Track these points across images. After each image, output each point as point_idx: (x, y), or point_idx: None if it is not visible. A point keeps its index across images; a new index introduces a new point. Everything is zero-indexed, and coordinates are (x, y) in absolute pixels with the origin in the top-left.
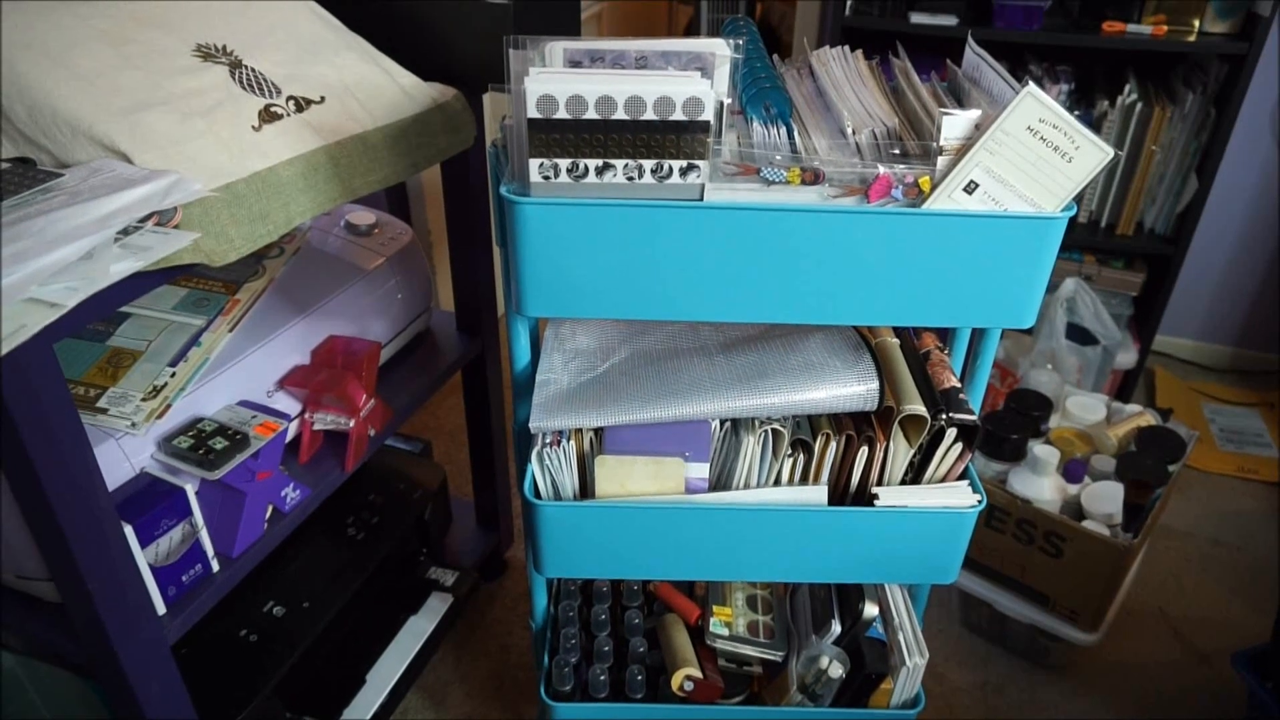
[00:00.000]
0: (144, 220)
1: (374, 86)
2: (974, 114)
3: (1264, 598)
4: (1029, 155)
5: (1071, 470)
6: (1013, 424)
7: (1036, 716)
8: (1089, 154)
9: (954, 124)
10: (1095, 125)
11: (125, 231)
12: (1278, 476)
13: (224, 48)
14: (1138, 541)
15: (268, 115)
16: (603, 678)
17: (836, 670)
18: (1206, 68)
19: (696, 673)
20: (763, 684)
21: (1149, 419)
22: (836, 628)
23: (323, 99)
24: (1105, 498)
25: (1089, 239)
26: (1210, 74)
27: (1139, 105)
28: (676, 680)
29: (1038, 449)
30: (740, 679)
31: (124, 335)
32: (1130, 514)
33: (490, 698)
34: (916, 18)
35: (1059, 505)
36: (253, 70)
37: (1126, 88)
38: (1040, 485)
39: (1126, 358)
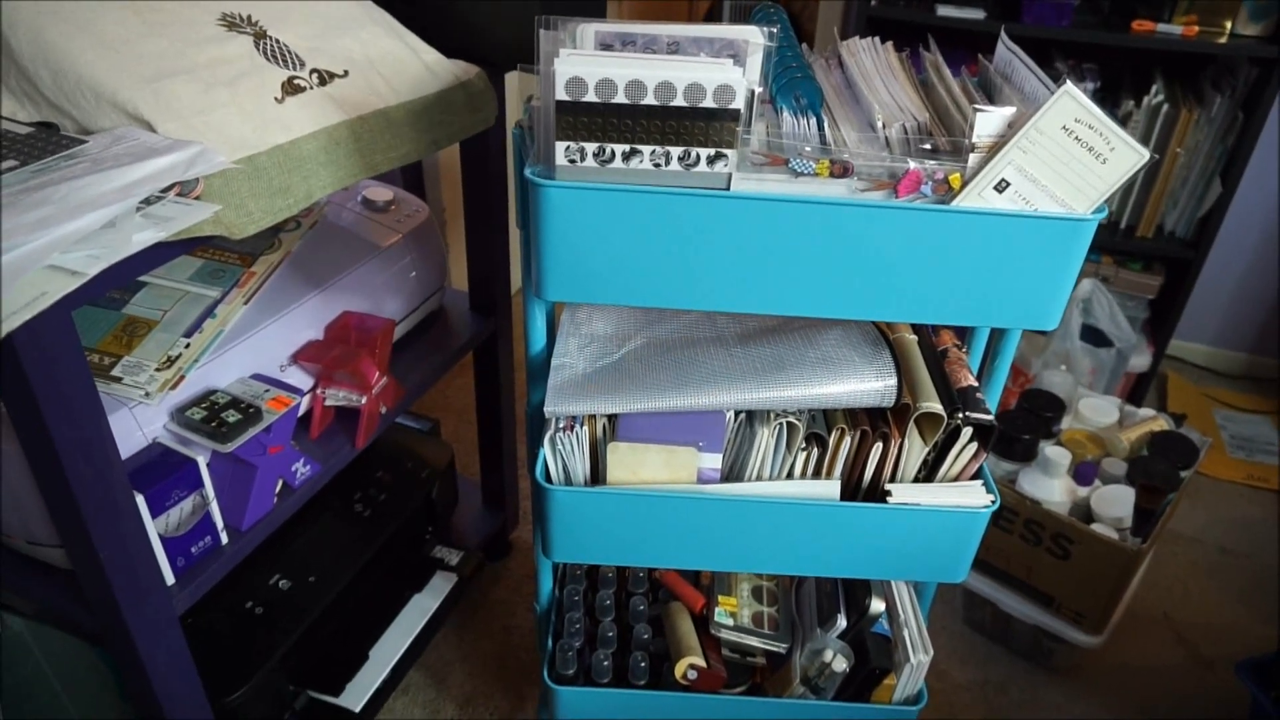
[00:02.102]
0: (166, 190)
1: (397, 62)
2: (1008, 111)
3: (1269, 606)
4: (1062, 155)
5: (1082, 472)
6: (1024, 424)
7: (1038, 717)
8: (1124, 156)
9: (988, 121)
10: (1120, 125)
11: (148, 201)
12: None
13: (249, 18)
14: (1146, 546)
15: (291, 88)
16: (606, 663)
17: (840, 664)
18: (1236, 70)
19: (700, 661)
20: (766, 675)
21: (1162, 423)
22: (842, 622)
23: (346, 73)
24: (1115, 501)
25: (1108, 240)
26: (1240, 77)
27: (1165, 106)
28: (680, 668)
29: (1049, 450)
30: (743, 669)
31: (139, 304)
32: (1140, 518)
33: (492, 678)
34: (943, 10)
35: (1068, 507)
36: (277, 42)
37: (1154, 88)
38: (1050, 486)
39: (1140, 361)
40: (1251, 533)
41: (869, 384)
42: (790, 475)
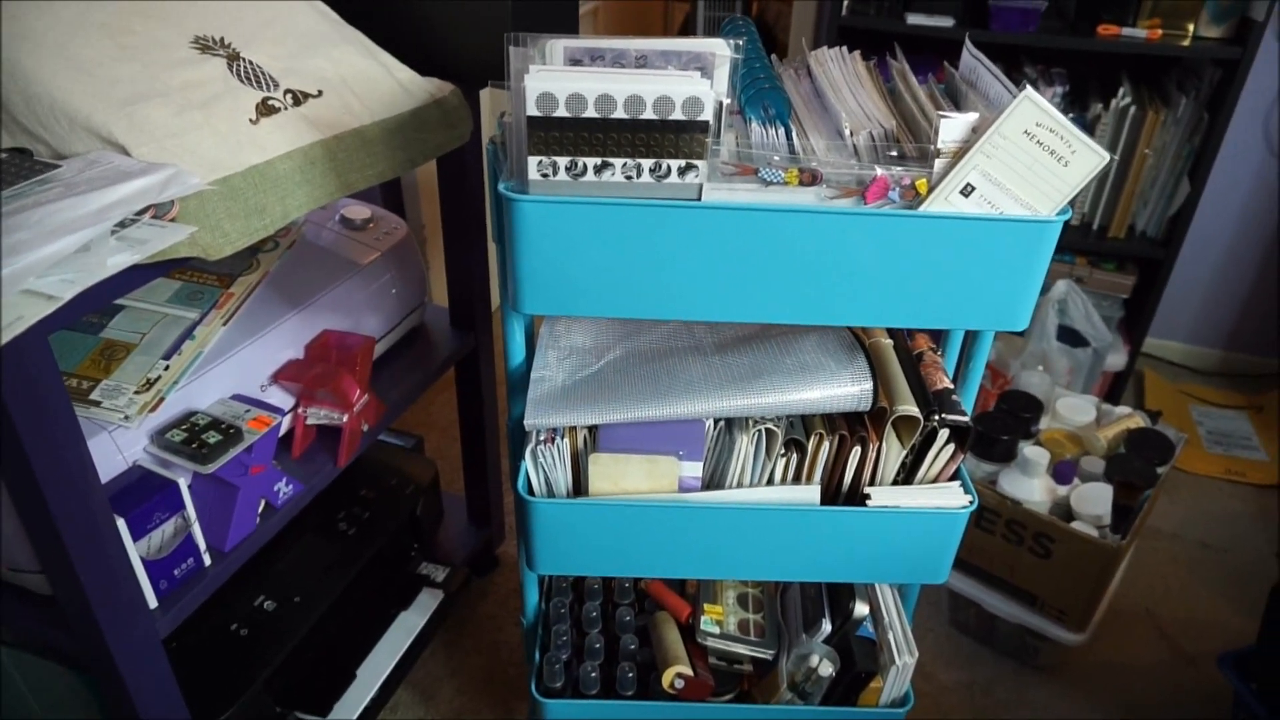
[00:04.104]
0: (141, 213)
1: (371, 81)
2: (971, 117)
3: (1250, 600)
4: (1025, 159)
5: (1061, 471)
6: (1003, 425)
7: (1024, 716)
8: (1085, 158)
9: (951, 127)
10: (1089, 128)
11: (122, 224)
12: (1264, 479)
13: (222, 40)
14: (1126, 543)
15: (265, 109)
16: (593, 675)
17: (826, 668)
18: (1200, 72)
19: (687, 670)
20: (753, 682)
21: (1138, 421)
22: (827, 626)
23: (320, 93)
24: (1094, 499)
25: (1081, 241)
26: (1204, 78)
27: (1132, 108)
28: (667, 678)
29: (1028, 450)
30: (731, 677)
31: (117, 327)
32: (1119, 515)
33: (481, 694)
34: (913, 19)
35: (1048, 506)
36: (251, 63)
37: (1120, 91)
38: (1030, 486)
39: (1116, 360)
40: (1231, 527)
41: (845, 389)
42: (771, 481)
